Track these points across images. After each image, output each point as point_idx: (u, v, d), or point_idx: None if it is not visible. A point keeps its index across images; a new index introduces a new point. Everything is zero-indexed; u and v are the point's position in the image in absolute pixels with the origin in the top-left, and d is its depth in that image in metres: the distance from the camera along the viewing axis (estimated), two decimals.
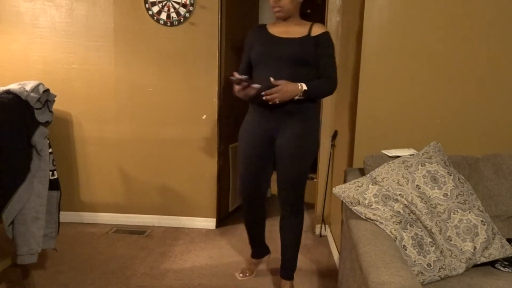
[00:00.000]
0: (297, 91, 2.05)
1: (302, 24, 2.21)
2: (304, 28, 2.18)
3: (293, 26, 2.20)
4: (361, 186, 1.79)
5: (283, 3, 2.13)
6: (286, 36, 2.18)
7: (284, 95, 2.02)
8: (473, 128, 2.27)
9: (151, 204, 3.34)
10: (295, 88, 2.04)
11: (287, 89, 2.02)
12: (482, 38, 2.20)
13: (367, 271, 1.34)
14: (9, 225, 2.10)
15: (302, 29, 2.18)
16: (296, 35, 2.16)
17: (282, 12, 2.16)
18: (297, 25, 2.20)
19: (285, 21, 2.21)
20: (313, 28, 2.17)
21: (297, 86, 2.05)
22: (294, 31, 2.18)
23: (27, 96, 2.13)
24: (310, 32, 2.15)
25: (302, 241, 3.12)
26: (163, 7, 3.06)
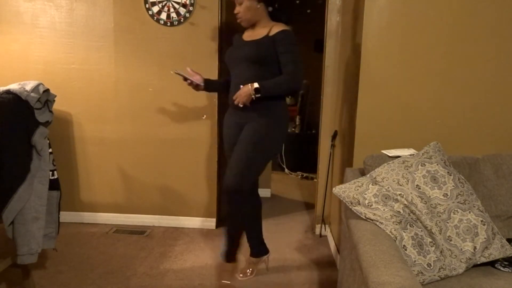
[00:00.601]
0: (248, 90, 2.21)
1: (267, 26, 2.34)
2: (266, 29, 2.32)
3: (259, 29, 2.36)
4: (361, 186, 1.79)
5: (240, 14, 2.34)
6: (249, 39, 2.36)
7: (241, 98, 2.22)
8: (473, 128, 2.27)
9: (151, 204, 3.34)
10: (247, 88, 2.21)
11: (241, 92, 2.22)
12: (482, 38, 2.20)
13: (367, 271, 1.34)
14: (9, 225, 2.10)
15: (264, 30, 2.32)
16: (257, 36, 2.33)
17: (243, 21, 2.37)
18: (262, 28, 2.35)
19: (253, 26, 2.41)
20: (272, 28, 2.29)
21: (247, 87, 2.22)
22: (258, 33, 2.35)
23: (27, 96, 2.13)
24: (269, 32, 2.29)
25: (302, 241, 3.13)
26: (163, 7, 3.06)
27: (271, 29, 2.30)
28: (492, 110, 2.26)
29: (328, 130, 3.16)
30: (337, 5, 3.02)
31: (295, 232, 3.32)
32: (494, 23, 2.19)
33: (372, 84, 2.27)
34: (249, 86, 2.21)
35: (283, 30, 2.28)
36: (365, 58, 2.25)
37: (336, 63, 3.07)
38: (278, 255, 2.88)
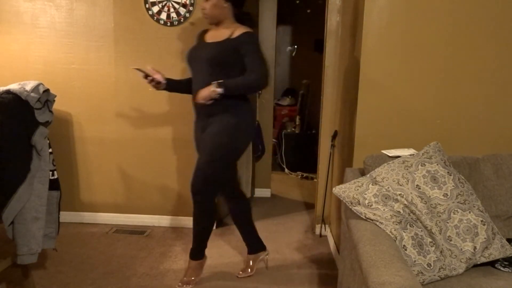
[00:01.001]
0: (209, 89, 2.21)
1: (230, 27, 2.32)
2: (229, 31, 2.30)
3: (222, 30, 2.33)
4: (361, 186, 1.79)
5: (206, 11, 2.30)
6: (211, 41, 2.34)
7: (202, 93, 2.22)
8: (473, 128, 2.27)
9: (151, 204, 3.34)
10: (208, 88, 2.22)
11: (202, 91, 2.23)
12: (482, 38, 2.20)
13: (367, 271, 1.34)
14: (9, 225, 2.10)
15: (227, 32, 2.30)
16: (219, 38, 2.30)
17: (209, 18, 2.33)
18: (225, 29, 2.33)
19: (217, 26, 2.37)
20: (235, 31, 2.28)
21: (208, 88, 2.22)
22: (220, 34, 2.32)
23: (27, 96, 2.13)
24: (231, 35, 2.28)
25: (302, 241, 3.13)
26: (163, 7, 3.06)
27: (234, 32, 2.27)
28: (492, 110, 2.26)
29: (328, 130, 3.16)
30: (337, 5, 3.02)
31: (295, 232, 3.32)
32: (494, 23, 2.19)
33: (372, 84, 2.27)
34: (210, 86, 2.21)
35: (245, 32, 2.26)
36: (365, 58, 2.25)
37: (336, 63, 3.07)
38: (278, 255, 2.88)
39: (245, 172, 3.83)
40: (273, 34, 4.06)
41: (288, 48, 6.14)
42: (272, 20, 4.04)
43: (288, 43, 6.15)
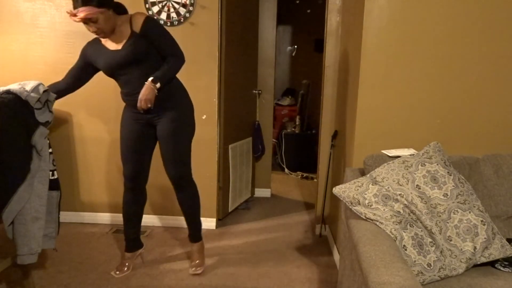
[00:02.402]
0: (150, 88, 2.21)
1: (122, 23, 2.28)
2: (125, 27, 2.26)
3: (117, 30, 2.28)
4: (361, 186, 1.79)
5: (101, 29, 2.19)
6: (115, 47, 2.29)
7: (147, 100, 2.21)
8: (473, 128, 2.27)
9: (151, 204, 3.34)
10: (146, 88, 2.21)
11: (143, 94, 2.20)
12: (482, 38, 2.20)
13: (367, 271, 1.34)
14: (9, 225, 2.10)
15: (125, 30, 2.27)
16: (122, 39, 2.27)
17: (107, 34, 2.25)
18: (119, 27, 2.28)
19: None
20: (133, 23, 2.25)
21: (146, 86, 2.21)
22: (119, 36, 2.28)
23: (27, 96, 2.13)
24: (133, 28, 2.25)
25: (302, 241, 3.13)
26: (163, 7, 3.06)
27: (132, 24, 2.25)
28: (492, 110, 2.26)
29: (328, 130, 3.16)
30: (337, 5, 3.02)
31: (295, 232, 3.32)
32: (494, 22, 2.19)
33: (372, 84, 2.27)
34: (147, 85, 2.21)
35: (145, 19, 2.25)
36: (365, 58, 2.25)
37: (336, 63, 3.07)
38: (278, 255, 2.89)
39: (245, 172, 3.83)
40: (273, 34, 4.06)
41: (288, 48, 6.14)
42: (272, 20, 4.05)
43: (288, 43, 6.15)
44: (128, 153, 2.50)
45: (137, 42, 2.25)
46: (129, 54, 2.25)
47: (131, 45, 2.25)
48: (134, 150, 2.49)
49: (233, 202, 3.61)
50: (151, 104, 2.23)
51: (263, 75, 4.08)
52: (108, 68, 2.33)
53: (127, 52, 2.25)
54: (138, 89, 2.28)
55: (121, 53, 2.26)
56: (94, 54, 2.36)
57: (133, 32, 2.25)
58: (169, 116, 2.39)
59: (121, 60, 2.27)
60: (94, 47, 2.37)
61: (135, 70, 2.29)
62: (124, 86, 2.38)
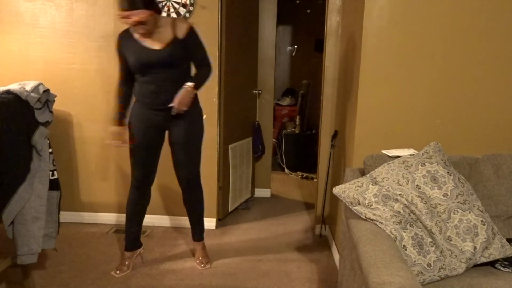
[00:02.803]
0: (189, 92, 2.31)
1: (163, 24, 2.30)
2: (167, 30, 2.29)
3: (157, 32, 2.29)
4: (361, 186, 1.79)
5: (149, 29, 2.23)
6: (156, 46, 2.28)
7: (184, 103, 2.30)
8: (473, 128, 2.27)
9: (151, 204, 3.33)
10: (186, 92, 2.30)
11: (183, 97, 2.29)
12: (482, 38, 2.20)
13: (367, 271, 1.34)
14: (9, 225, 2.10)
15: (166, 32, 2.29)
16: (163, 41, 2.29)
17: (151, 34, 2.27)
18: (160, 28, 2.29)
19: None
20: (177, 29, 2.29)
21: (186, 90, 2.30)
22: (161, 37, 2.29)
23: (27, 96, 2.13)
24: (176, 33, 2.29)
25: (302, 241, 3.14)
26: (163, 7, 3.06)
27: (176, 29, 2.29)
28: (492, 110, 2.26)
29: (328, 130, 3.16)
30: (337, 5, 3.02)
31: (295, 232, 3.32)
32: (493, 23, 2.19)
33: (372, 84, 2.27)
34: (187, 89, 2.29)
35: (189, 28, 2.32)
36: (365, 58, 2.25)
37: (336, 63, 3.07)
38: (278, 255, 2.89)
39: (245, 172, 3.83)
40: (273, 34, 4.06)
41: (288, 48, 6.14)
42: (272, 20, 4.05)
43: (288, 43, 6.15)
44: (141, 157, 2.51)
45: (179, 47, 2.30)
46: (168, 57, 2.29)
47: (173, 49, 2.29)
48: (147, 153, 2.51)
49: (233, 202, 3.61)
50: (186, 108, 2.31)
51: (263, 75, 4.08)
52: (139, 63, 2.32)
53: (167, 55, 2.28)
54: (162, 90, 2.33)
55: (160, 54, 2.28)
56: (125, 46, 2.36)
57: (176, 37, 2.29)
58: (183, 122, 2.43)
59: (158, 60, 2.29)
60: (126, 40, 2.36)
61: (166, 72, 2.32)
62: (146, 85, 2.37)
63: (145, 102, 2.41)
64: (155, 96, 2.36)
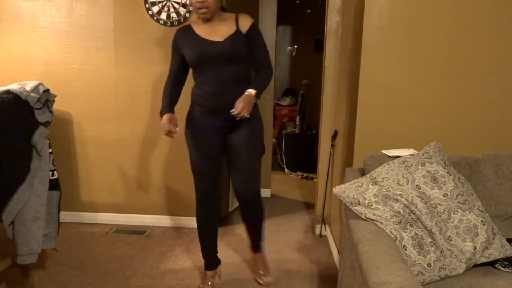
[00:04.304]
0: (251, 99, 2.12)
1: (226, 18, 2.21)
2: (230, 23, 2.19)
3: (219, 23, 2.20)
4: (361, 186, 1.79)
5: (209, 3, 2.09)
6: (216, 38, 2.16)
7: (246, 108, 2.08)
8: (473, 128, 2.27)
9: (151, 204, 3.34)
10: (249, 98, 2.11)
11: (245, 104, 2.08)
12: (482, 38, 2.20)
13: (367, 271, 1.34)
14: (9, 225, 2.10)
15: (228, 25, 2.19)
16: (225, 33, 2.16)
17: (209, 13, 2.14)
18: (222, 22, 2.20)
19: (207, 21, 2.21)
20: (240, 23, 2.19)
21: (248, 96, 2.11)
22: (222, 29, 2.18)
23: (27, 96, 2.13)
24: (239, 27, 2.18)
25: (302, 241, 3.14)
26: (163, 7, 3.06)
27: (239, 23, 2.18)
28: (492, 110, 2.26)
29: (328, 130, 3.16)
30: (337, 5, 3.02)
31: (295, 232, 3.32)
32: (494, 22, 2.19)
33: (372, 84, 2.27)
34: (248, 96, 2.11)
35: (253, 23, 2.22)
36: (365, 58, 2.25)
37: (336, 63, 3.06)
38: (278, 255, 2.88)
39: None
40: (273, 34, 4.06)
41: (288, 48, 6.14)
42: (272, 20, 4.04)
43: (288, 43, 6.15)
44: (205, 166, 2.32)
45: (241, 40, 2.16)
46: (229, 48, 2.14)
47: (235, 41, 2.15)
48: (211, 162, 2.32)
49: (233, 202, 3.61)
50: (248, 114, 2.08)
51: None
52: (199, 56, 2.17)
53: (229, 46, 2.14)
54: (221, 92, 2.17)
55: (222, 45, 2.14)
56: (184, 41, 2.23)
57: (238, 30, 2.17)
58: (245, 127, 2.25)
59: (219, 52, 2.13)
60: (184, 35, 2.24)
61: (226, 68, 2.16)
62: (207, 83, 2.20)
63: (203, 105, 2.24)
64: (214, 98, 2.19)
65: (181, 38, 2.25)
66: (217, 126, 2.26)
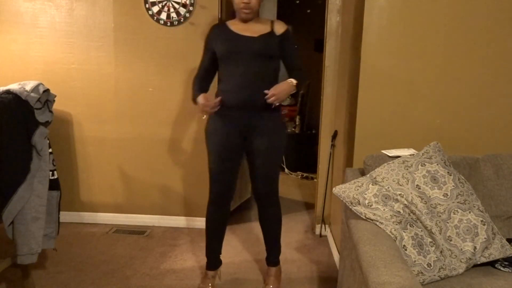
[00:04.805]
0: (290, 87, 2.19)
1: (262, 21, 2.30)
2: (265, 25, 2.27)
3: (254, 24, 2.27)
4: (361, 186, 1.79)
5: (253, 5, 2.19)
6: (250, 34, 2.23)
7: (281, 95, 2.15)
8: (473, 128, 2.27)
9: (151, 204, 3.34)
10: (288, 86, 2.19)
11: (282, 90, 2.15)
12: (482, 38, 2.20)
13: (367, 271, 1.34)
14: (9, 225, 2.10)
15: (263, 26, 2.27)
16: (259, 32, 2.24)
17: (251, 14, 2.23)
18: (258, 23, 2.27)
19: (246, 21, 2.27)
20: (276, 26, 2.27)
21: (288, 83, 2.19)
22: (257, 28, 2.25)
23: (27, 96, 2.13)
24: (273, 30, 2.25)
25: (302, 241, 3.14)
26: (163, 7, 3.06)
27: (273, 27, 2.26)
28: (492, 110, 2.26)
29: (328, 130, 3.16)
30: (337, 5, 3.02)
31: (295, 232, 3.32)
32: (494, 23, 2.18)
33: (372, 84, 2.27)
34: (288, 83, 2.18)
35: (288, 29, 2.30)
36: (365, 58, 2.25)
37: (336, 63, 3.07)
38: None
39: (245, 172, 3.83)
40: None
41: None
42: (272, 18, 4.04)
43: None
44: (222, 167, 2.33)
45: (273, 40, 2.23)
46: (261, 44, 2.20)
47: (267, 39, 2.22)
48: (229, 163, 2.33)
49: (233, 202, 3.61)
50: (278, 102, 2.15)
51: None
52: (230, 49, 2.21)
53: (260, 42, 2.20)
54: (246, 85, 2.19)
55: (253, 40, 2.20)
56: (217, 36, 2.28)
57: (273, 32, 2.25)
58: (265, 129, 2.25)
59: (251, 46, 2.19)
60: (219, 30, 2.31)
61: (254, 64, 2.20)
62: (233, 77, 2.22)
63: (227, 98, 2.21)
64: (238, 91, 2.19)
65: (215, 33, 2.31)
66: (236, 124, 2.25)
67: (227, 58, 2.24)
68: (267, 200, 2.41)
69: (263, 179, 2.35)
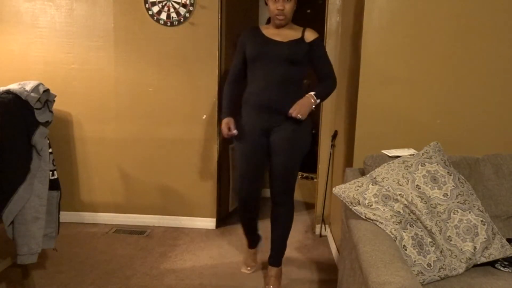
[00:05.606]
0: (309, 102, 2.22)
1: (294, 28, 2.36)
2: (296, 32, 2.33)
3: (286, 30, 2.33)
4: (361, 186, 1.79)
5: (287, 12, 2.26)
6: (280, 39, 2.30)
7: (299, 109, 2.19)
8: (473, 128, 2.27)
9: (151, 204, 3.34)
10: (307, 101, 2.22)
11: (302, 105, 2.20)
12: (482, 38, 2.20)
13: (367, 271, 1.34)
14: (9, 225, 2.10)
15: (295, 33, 2.32)
16: (289, 37, 2.30)
17: (285, 21, 2.29)
18: (290, 29, 2.33)
19: (279, 27, 2.34)
20: (306, 34, 2.32)
21: (307, 98, 2.23)
22: (288, 34, 2.31)
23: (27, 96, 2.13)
24: (304, 37, 2.31)
25: (302, 241, 3.13)
26: (163, 7, 3.06)
27: (304, 34, 2.31)
28: (492, 110, 2.26)
29: (328, 130, 3.16)
30: (337, 5, 3.02)
31: (295, 232, 3.31)
32: (494, 23, 2.19)
33: (372, 84, 2.27)
34: (308, 98, 2.22)
35: (318, 37, 2.35)
36: (365, 58, 2.25)
37: (336, 63, 3.06)
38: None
39: None
40: None
41: None
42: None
43: None
44: (250, 169, 2.38)
45: (302, 47, 2.28)
46: (290, 50, 2.26)
47: (296, 45, 2.28)
48: (256, 165, 2.38)
49: (233, 202, 3.61)
50: (302, 116, 2.19)
51: None
52: (259, 51, 2.29)
53: (288, 47, 2.26)
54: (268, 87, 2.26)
55: (281, 45, 2.27)
56: (249, 38, 2.36)
57: (302, 39, 2.30)
58: (290, 125, 2.28)
59: (279, 50, 2.26)
60: (252, 33, 2.38)
61: (280, 67, 2.26)
62: (259, 79, 2.29)
63: (251, 99, 2.32)
64: (261, 92, 2.27)
65: (248, 36, 2.39)
66: (259, 123, 2.32)
67: (255, 60, 2.31)
68: (283, 197, 2.42)
69: (282, 176, 2.38)
